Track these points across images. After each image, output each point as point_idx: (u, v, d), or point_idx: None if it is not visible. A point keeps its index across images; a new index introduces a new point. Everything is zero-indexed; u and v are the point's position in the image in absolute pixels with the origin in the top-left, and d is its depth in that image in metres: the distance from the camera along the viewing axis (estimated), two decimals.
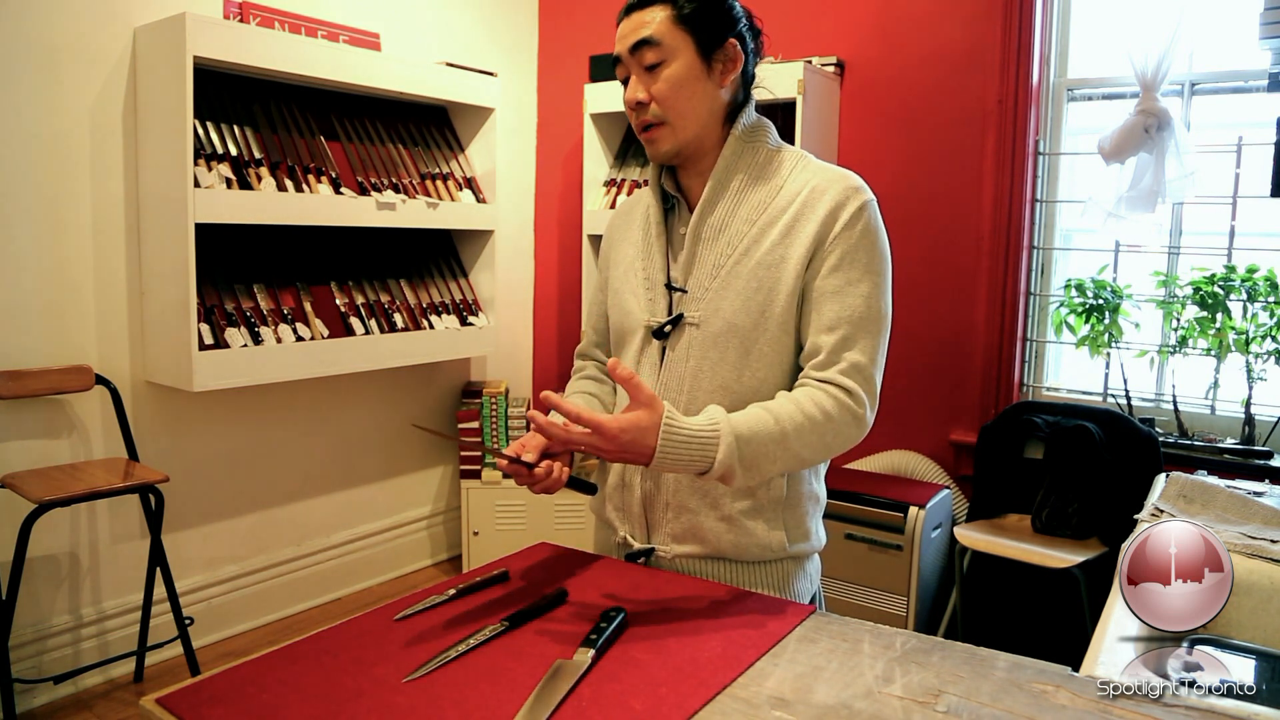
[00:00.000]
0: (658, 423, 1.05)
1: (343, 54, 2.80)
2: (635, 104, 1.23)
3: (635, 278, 1.32)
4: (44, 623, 2.49)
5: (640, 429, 1.05)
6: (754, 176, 1.25)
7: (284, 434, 3.05)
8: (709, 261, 1.24)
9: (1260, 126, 2.45)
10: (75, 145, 2.46)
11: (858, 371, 1.17)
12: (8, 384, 2.31)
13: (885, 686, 0.90)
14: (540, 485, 1.18)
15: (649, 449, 1.05)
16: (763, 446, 1.10)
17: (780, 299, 1.20)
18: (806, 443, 1.13)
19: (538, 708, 0.85)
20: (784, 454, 1.12)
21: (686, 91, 1.22)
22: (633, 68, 1.23)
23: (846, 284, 1.18)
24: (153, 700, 0.88)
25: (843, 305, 1.17)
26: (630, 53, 1.22)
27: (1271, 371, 2.48)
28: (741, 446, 1.08)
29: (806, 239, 1.19)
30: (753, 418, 1.11)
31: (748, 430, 1.10)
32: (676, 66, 1.21)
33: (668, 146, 1.24)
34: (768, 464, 1.11)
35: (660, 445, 1.05)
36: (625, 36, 1.23)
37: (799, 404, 1.14)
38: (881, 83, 3.02)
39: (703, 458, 1.07)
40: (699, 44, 1.21)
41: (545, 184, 3.91)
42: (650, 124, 1.23)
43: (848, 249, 1.18)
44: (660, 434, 1.05)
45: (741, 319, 1.20)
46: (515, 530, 3.33)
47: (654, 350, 1.27)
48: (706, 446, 1.07)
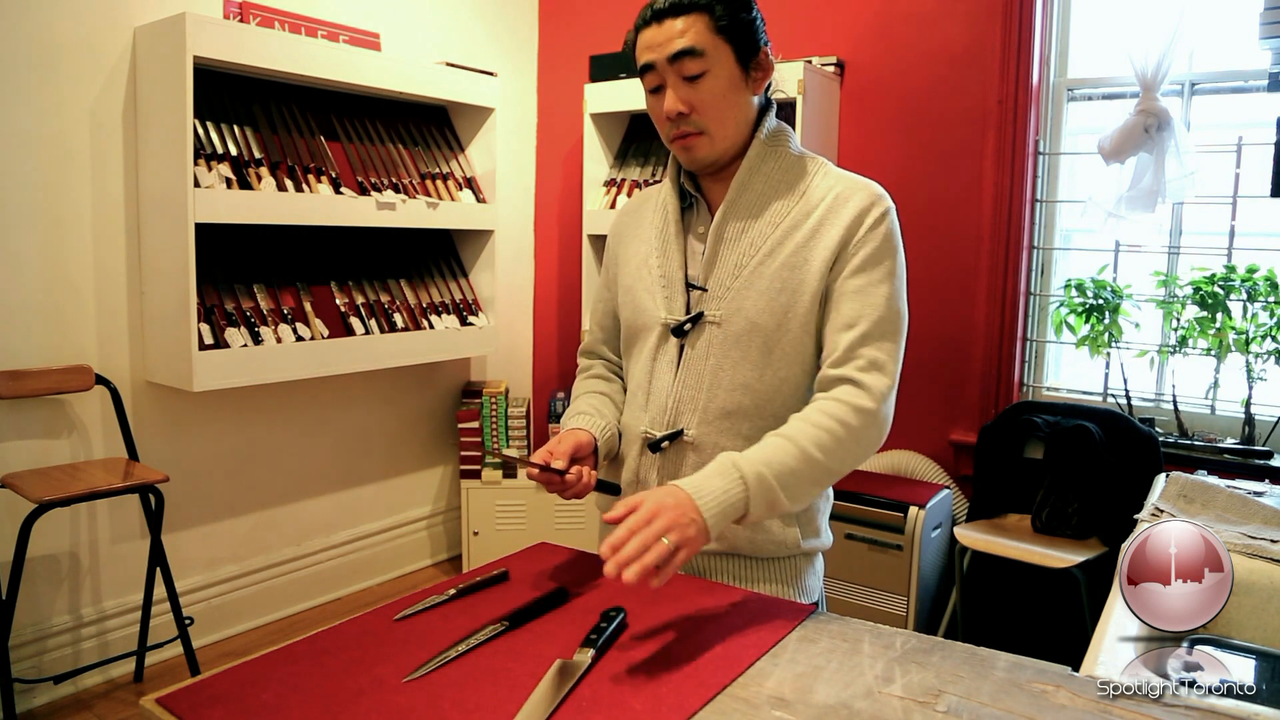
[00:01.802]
0: (671, 488, 1.04)
1: (343, 54, 2.80)
2: (675, 115, 1.21)
3: (650, 275, 1.31)
4: (44, 623, 2.49)
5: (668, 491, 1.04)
6: (777, 181, 1.26)
7: (284, 434, 3.05)
8: (731, 261, 1.24)
9: (1260, 126, 2.45)
10: (75, 145, 2.46)
11: (875, 367, 1.17)
12: (8, 384, 2.31)
13: (885, 686, 0.90)
14: (571, 490, 1.19)
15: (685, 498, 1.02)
16: (787, 464, 1.10)
17: (804, 300, 1.20)
18: (833, 454, 1.13)
19: (538, 708, 0.85)
20: (812, 468, 1.12)
21: (728, 102, 1.21)
22: (669, 76, 1.20)
23: (868, 284, 1.20)
24: (153, 700, 0.88)
25: (863, 304, 1.19)
26: (670, 62, 1.19)
27: (1271, 371, 2.48)
28: (768, 469, 1.08)
29: (831, 242, 1.20)
30: (762, 446, 1.12)
31: (760, 455, 1.10)
32: (718, 78, 1.20)
33: (705, 154, 1.24)
34: (801, 481, 1.11)
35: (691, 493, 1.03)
36: (661, 45, 1.19)
37: (812, 421, 1.14)
38: (881, 83, 3.02)
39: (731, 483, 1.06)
40: (738, 53, 1.20)
41: (545, 184, 3.91)
42: (689, 133, 1.22)
43: (870, 253, 1.20)
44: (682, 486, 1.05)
45: (765, 318, 1.21)
46: (515, 530, 3.33)
47: (672, 348, 1.27)
48: (728, 476, 1.07)
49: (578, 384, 1.46)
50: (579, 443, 1.25)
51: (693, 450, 1.25)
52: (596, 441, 1.29)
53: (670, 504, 1.00)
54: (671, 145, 1.26)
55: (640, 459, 1.29)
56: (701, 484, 1.05)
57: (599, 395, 1.40)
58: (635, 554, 0.93)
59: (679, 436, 1.25)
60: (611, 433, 1.33)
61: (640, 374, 1.31)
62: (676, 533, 0.97)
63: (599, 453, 1.30)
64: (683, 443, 1.25)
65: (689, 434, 1.25)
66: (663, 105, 1.21)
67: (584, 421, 1.31)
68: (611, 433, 1.33)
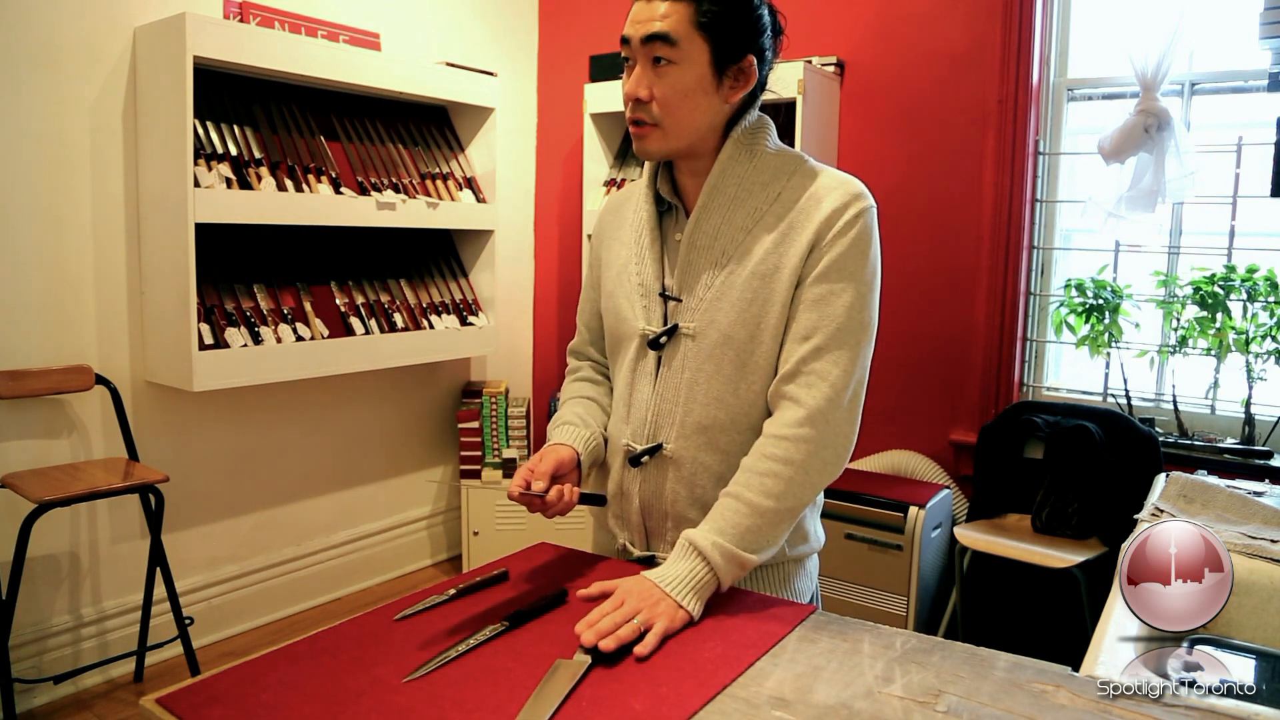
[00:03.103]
0: (639, 579, 1.07)
1: (343, 54, 2.80)
2: (634, 99, 1.17)
3: (629, 283, 1.28)
4: (44, 623, 2.49)
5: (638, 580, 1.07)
6: (751, 181, 1.21)
7: (284, 434, 3.05)
8: (703, 270, 1.20)
9: (1260, 126, 2.45)
10: (75, 145, 2.46)
11: (823, 382, 1.13)
12: (8, 384, 2.31)
13: (885, 686, 0.90)
14: (553, 510, 1.18)
15: (654, 588, 1.06)
16: (740, 525, 1.11)
17: (774, 310, 1.17)
18: (786, 496, 1.13)
19: (538, 708, 0.85)
20: (768, 517, 1.12)
21: (689, 102, 1.16)
22: (639, 57, 1.16)
23: (830, 293, 1.15)
24: (153, 700, 0.88)
25: (821, 314, 1.15)
26: (643, 42, 1.14)
27: (1271, 371, 2.48)
28: (723, 537, 1.10)
29: (801, 246, 1.16)
30: (713, 515, 1.13)
31: (714, 525, 1.11)
32: (685, 73, 1.14)
33: (655, 148, 1.19)
34: (762, 532, 1.12)
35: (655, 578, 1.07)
36: (640, 22, 1.14)
37: (756, 470, 1.14)
38: (881, 83, 3.02)
39: (694, 561, 1.09)
40: (714, 54, 1.14)
41: (545, 184, 3.91)
42: (643, 121, 1.17)
43: (838, 255, 1.15)
44: (649, 576, 1.07)
45: (737, 330, 1.17)
46: (515, 530, 3.33)
47: (650, 360, 1.25)
48: (686, 557, 1.09)
49: (565, 387, 1.43)
50: (560, 460, 1.22)
51: (673, 465, 1.22)
52: (580, 455, 1.26)
53: (636, 590, 1.05)
54: (630, 130, 1.21)
55: (624, 471, 1.27)
56: (666, 572, 1.08)
57: (585, 401, 1.37)
58: (609, 629, 0.98)
59: (659, 450, 1.23)
60: (597, 442, 1.31)
61: (622, 385, 1.29)
62: (645, 612, 1.01)
63: (583, 466, 1.27)
64: (663, 456, 1.23)
65: (667, 448, 1.22)
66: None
67: (567, 434, 1.29)
68: (597, 442, 1.31)
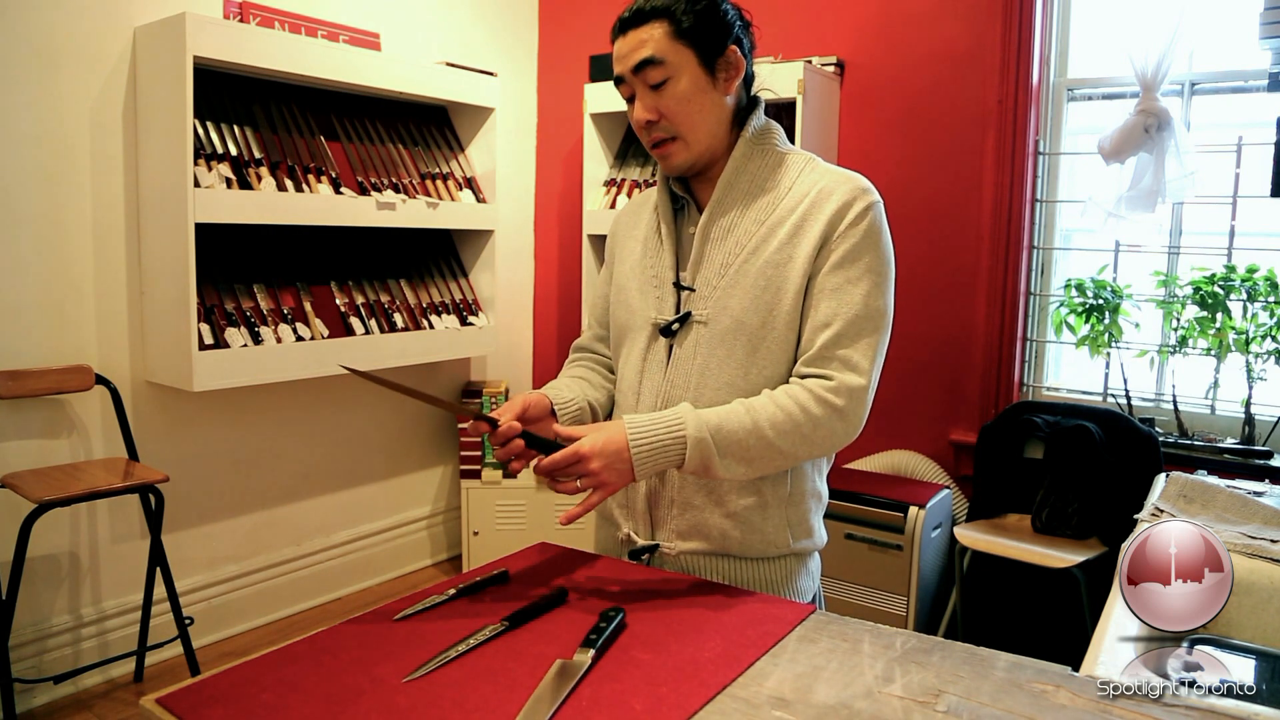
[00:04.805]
0: (622, 426, 1.14)
1: (343, 54, 2.80)
2: (645, 123, 1.24)
3: (642, 275, 1.33)
4: (44, 623, 2.49)
5: (609, 435, 1.13)
6: (763, 179, 1.27)
7: (284, 434, 3.05)
8: (717, 260, 1.25)
9: (1260, 126, 2.45)
10: (75, 145, 2.46)
11: (847, 367, 1.18)
12: (8, 384, 2.31)
13: (885, 686, 0.90)
14: (501, 449, 1.17)
15: (622, 444, 1.12)
16: (735, 434, 1.14)
17: (787, 297, 1.21)
18: (786, 436, 1.15)
19: (538, 708, 0.85)
20: (760, 444, 1.15)
21: (695, 105, 1.22)
22: (637, 87, 1.24)
23: (846, 282, 1.19)
24: (153, 700, 0.88)
25: (840, 302, 1.19)
26: (634, 73, 1.22)
27: (1271, 371, 2.48)
28: (713, 432, 1.13)
29: (813, 238, 1.21)
30: (723, 409, 1.16)
31: (716, 417, 1.15)
32: (682, 82, 1.21)
33: (681, 160, 1.26)
34: (744, 453, 1.15)
35: (630, 438, 1.12)
36: (625, 56, 1.23)
37: (775, 400, 1.17)
38: (881, 83, 3.02)
39: (673, 438, 1.12)
40: (701, 56, 1.22)
41: (545, 184, 3.91)
42: (662, 139, 1.24)
43: (850, 247, 1.20)
44: (627, 429, 1.12)
45: (749, 317, 1.22)
46: (515, 530, 3.33)
47: (661, 348, 1.28)
48: (673, 428, 1.13)
49: (560, 375, 1.46)
50: (528, 402, 1.24)
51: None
52: (553, 405, 1.28)
53: (601, 457, 1.11)
54: (653, 154, 1.28)
55: None
56: (643, 433, 1.13)
57: (573, 378, 1.41)
58: (546, 470, 1.12)
59: None
60: (579, 407, 1.33)
61: (631, 374, 1.31)
62: (593, 481, 1.12)
63: (557, 418, 1.29)
64: None
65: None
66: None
67: (546, 390, 1.32)
68: (579, 407, 1.33)
